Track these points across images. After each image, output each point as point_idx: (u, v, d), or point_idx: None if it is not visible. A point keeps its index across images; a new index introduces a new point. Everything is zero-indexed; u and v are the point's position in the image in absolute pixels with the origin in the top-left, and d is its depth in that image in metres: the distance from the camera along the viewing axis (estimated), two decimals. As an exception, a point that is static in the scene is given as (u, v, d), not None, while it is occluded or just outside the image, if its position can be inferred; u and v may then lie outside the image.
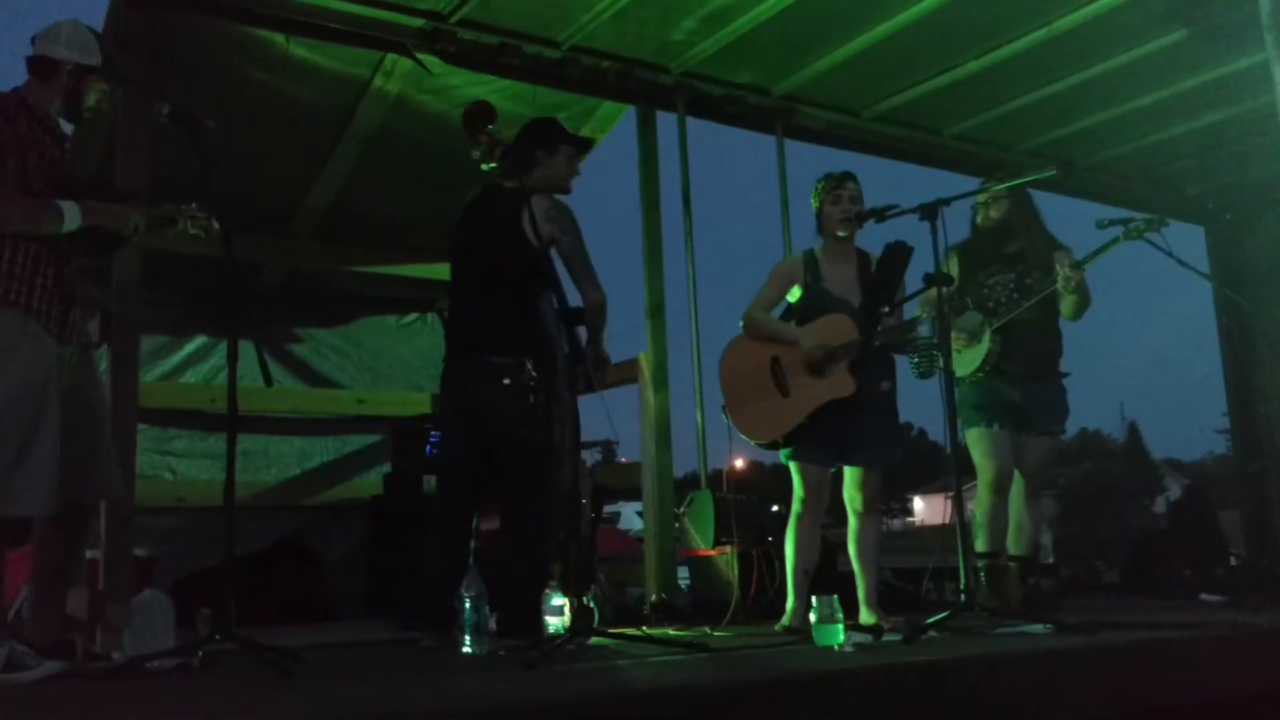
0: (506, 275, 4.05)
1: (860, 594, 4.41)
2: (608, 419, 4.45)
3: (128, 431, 4.28)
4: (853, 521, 4.48)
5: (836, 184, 4.57)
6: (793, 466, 4.48)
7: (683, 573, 5.92)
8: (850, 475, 4.47)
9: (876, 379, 4.42)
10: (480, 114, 4.09)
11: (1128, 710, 3.13)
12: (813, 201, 4.64)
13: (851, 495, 4.47)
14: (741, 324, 4.61)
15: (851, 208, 4.52)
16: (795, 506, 4.50)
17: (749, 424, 4.47)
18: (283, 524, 6.73)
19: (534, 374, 3.91)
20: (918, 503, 54.93)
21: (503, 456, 4.03)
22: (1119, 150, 7.36)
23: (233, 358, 3.48)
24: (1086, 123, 6.88)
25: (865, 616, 4.32)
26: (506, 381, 3.93)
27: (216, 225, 3.55)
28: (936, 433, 4.20)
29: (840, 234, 4.54)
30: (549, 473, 4.01)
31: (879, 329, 4.28)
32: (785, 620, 4.45)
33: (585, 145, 4.38)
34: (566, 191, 4.25)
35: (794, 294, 4.61)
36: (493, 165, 4.09)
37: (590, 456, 5.30)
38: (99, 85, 3.52)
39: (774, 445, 4.49)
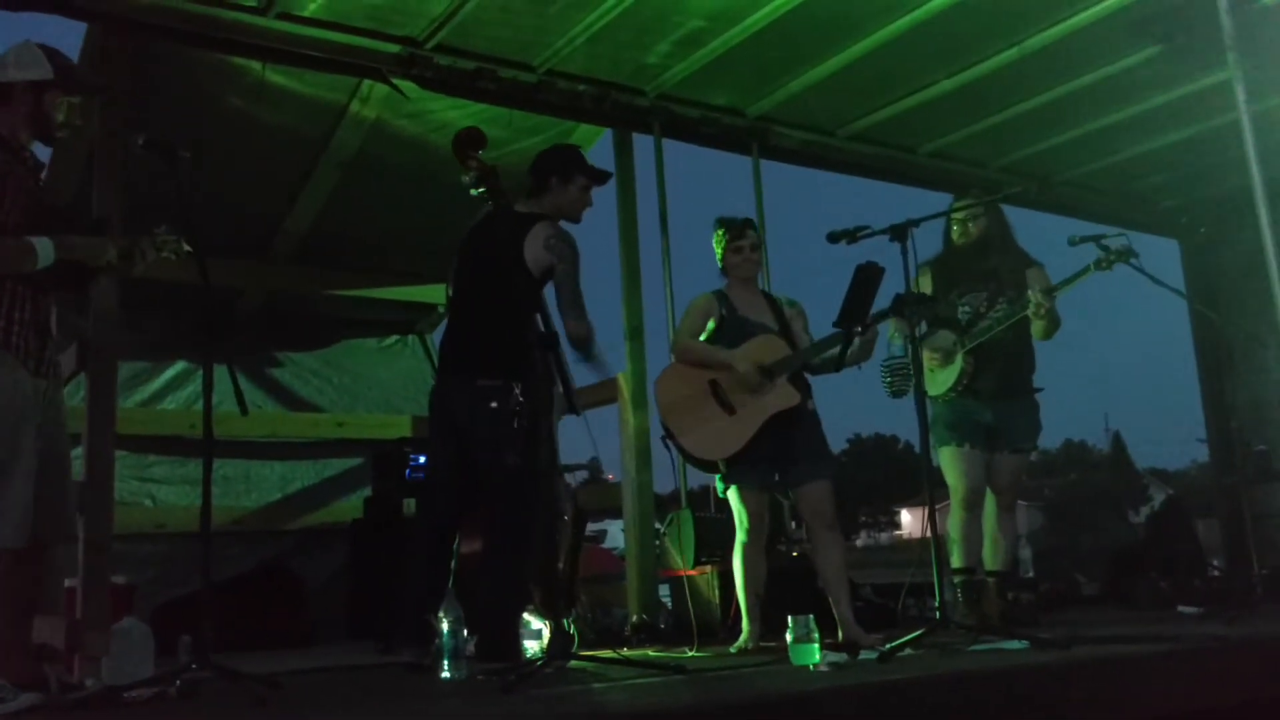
0: (502, 299, 4.08)
1: (837, 613, 4.42)
2: (590, 439, 4.48)
3: (106, 459, 4.29)
4: (820, 540, 4.52)
5: (737, 234, 4.70)
6: (732, 494, 4.55)
7: (665, 592, 5.93)
8: (803, 495, 4.52)
9: (803, 396, 4.51)
10: (470, 140, 4.14)
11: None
12: (715, 246, 4.76)
13: (808, 516, 4.54)
14: (672, 354, 4.70)
15: (752, 256, 4.70)
16: (740, 535, 4.56)
17: (699, 444, 4.52)
18: (264, 549, 6.70)
19: (520, 399, 3.94)
20: (905, 516, 55.03)
21: (485, 479, 4.04)
22: (1093, 166, 7.43)
23: (208, 384, 3.49)
24: (1060, 139, 6.95)
25: (845, 635, 4.33)
26: (494, 405, 3.96)
27: (187, 248, 3.54)
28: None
29: (743, 278, 4.71)
30: (530, 497, 4.00)
31: (851, 349, 4.32)
32: (742, 642, 4.49)
33: (603, 178, 4.40)
34: (575, 220, 4.29)
35: (710, 328, 4.69)
36: (482, 190, 4.13)
37: (575, 478, 5.30)
38: (64, 100, 3.47)
39: (714, 468, 4.54)
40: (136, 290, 4.97)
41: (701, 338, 4.68)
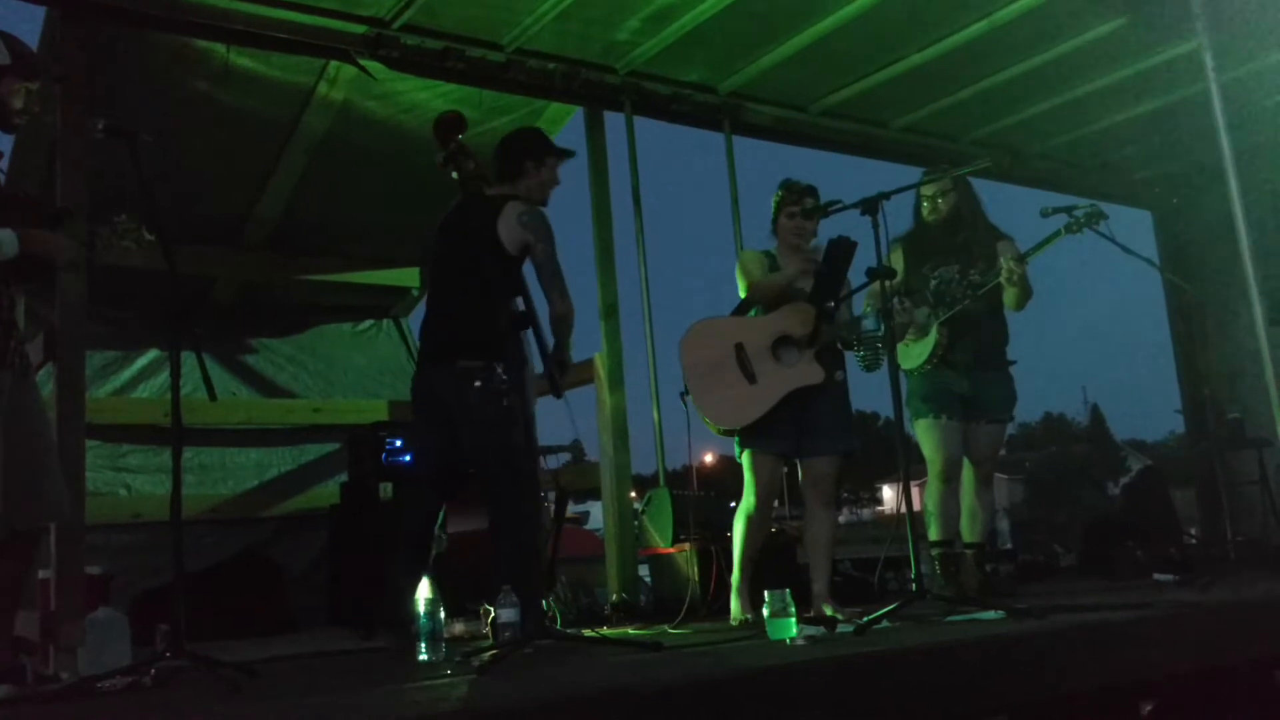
0: (479, 281, 4.09)
1: (816, 586, 4.43)
2: (570, 421, 4.48)
3: (76, 449, 4.25)
4: (813, 513, 4.50)
5: (795, 199, 4.61)
6: (747, 458, 4.50)
7: (645, 571, 5.94)
8: (809, 466, 4.48)
9: (832, 368, 4.47)
10: (452, 124, 4.13)
11: (1076, 691, 3.18)
12: (773, 204, 4.69)
13: (808, 488, 4.50)
14: (751, 294, 4.58)
15: (806, 224, 4.60)
16: (747, 499, 4.51)
17: (715, 410, 4.47)
18: (242, 537, 6.66)
19: (504, 377, 3.93)
20: (886, 491, 55.31)
21: (481, 461, 4.05)
22: (1065, 138, 7.46)
23: (175, 370, 3.46)
24: (1032, 112, 6.97)
25: (822, 609, 4.34)
26: (478, 384, 3.95)
27: (148, 235, 3.50)
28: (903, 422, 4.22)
29: (791, 245, 4.63)
30: (527, 471, 4.05)
31: (838, 324, 4.32)
32: (737, 615, 4.49)
33: (569, 155, 4.40)
34: (543, 202, 4.28)
35: (745, 288, 4.62)
36: (460, 174, 4.11)
37: (556, 460, 5.30)
38: (21, 86, 3.42)
39: (732, 433, 4.51)
40: (108, 279, 4.93)
41: (743, 294, 4.61)
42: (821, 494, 4.48)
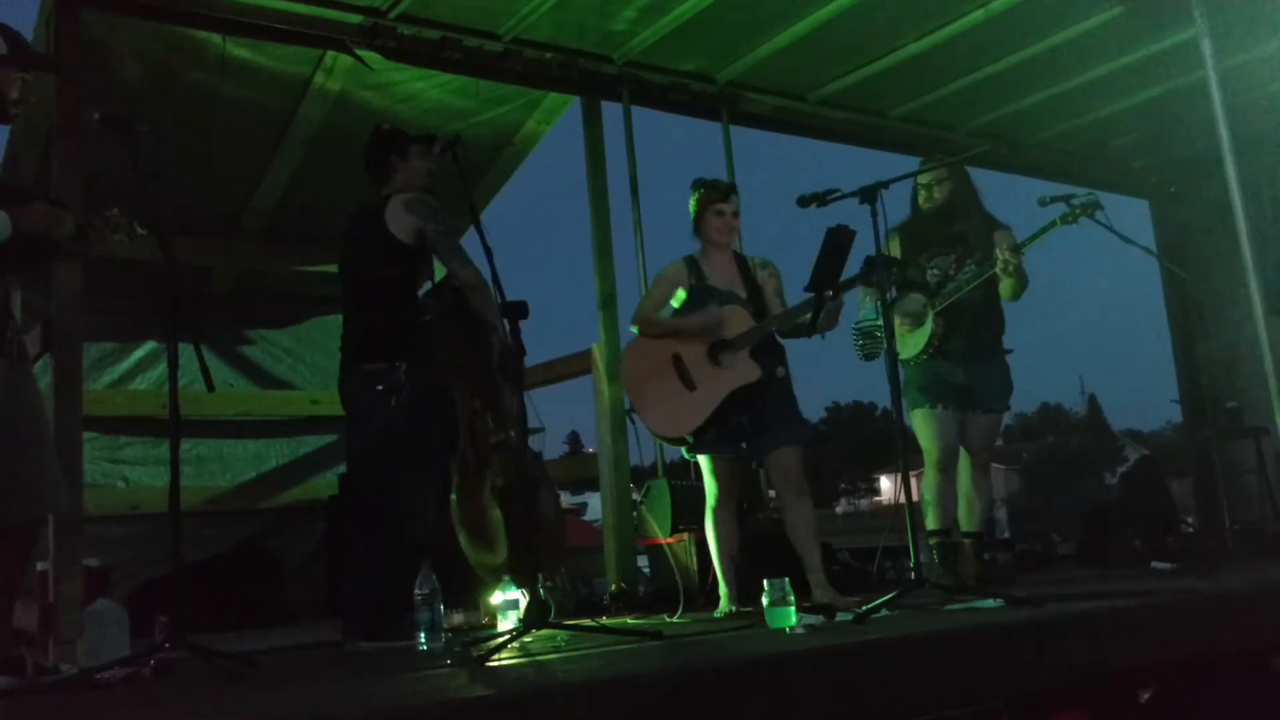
0: (375, 281, 4.19)
1: (810, 577, 4.43)
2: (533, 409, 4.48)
3: (73, 441, 4.25)
4: (789, 505, 4.50)
5: (721, 196, 4.63)
6: (702, 461, 4.55)
7: (644, 562, 5.94)
8: (772, 462, 4.48)
9: (772, 365, 4.46)
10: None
11: (1074, 679, 3.19)
12: (691, 205, 4.69)
13: (777, 482, 4.50)
14: (634, 326, 4.66)
15: (734, 222, 4.64)
16: (709, 500, 4.56)
17: (659, 421, 4.52)
18: (240, 528, 6.67)
19: (404, 378, 3.97)
20: (884, 482, 55.40)
21: (370, 456, 4.12)
22: (1063, 127, 7.45)
23: (173, 362, 3.45)
24: (1029, 101, 6.96)
25: (818, 595, 4.33)
26: (380, 387, 4.01)
27: (141, 230, 3.50)
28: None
29: (719, 244, 4.64)
30: (407, 480, 4.04)
31: (821, 315, 4.29)
32: (723, 607, 4.50)
33: (429, 139, 4.38)
34: (430, 187, 4.31)
35: (679, 298, 4.62)
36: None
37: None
38: (18, 76, 3.40)
39: (681, 441, 4.54)
40: (105, 271, 4.93)
41: (673, 304, 4.64)
42: (791, 485, 4.45)
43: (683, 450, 4.63)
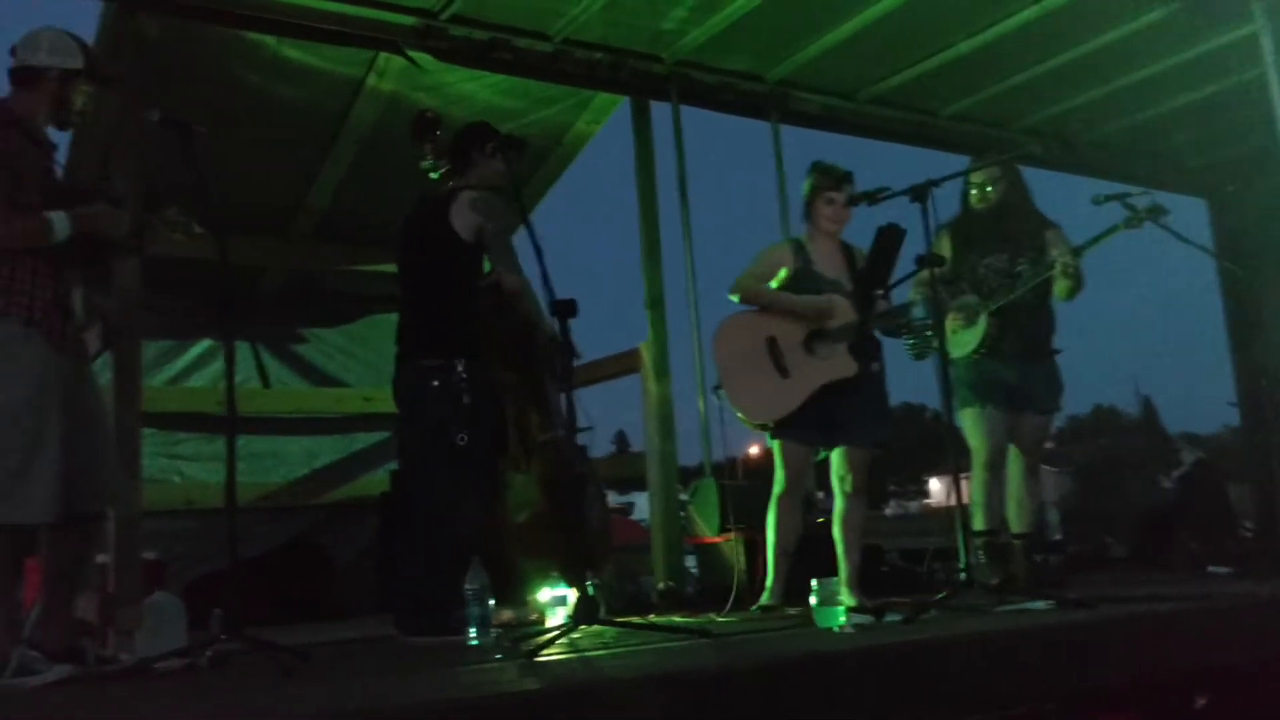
0: (436, 277, 4.15)
1: (842, 575, 4.40)
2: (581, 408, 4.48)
3: (131, 436, 4.33)
4: (839, 503, 4.48)
5: (834, 184, 4.56)
6: (776, 447, 4.50)
7: (692, 561, 5.95)
8: (839, 456, 4.46)
9: (869, 359, 4.43)
10: (429, 123, 4.25)
11: (1126, 683, 3.15)
12: (804, 189, 4.64)
13: (840, 476, 4.48)
14: (733, 295, 4.58)
15: (844, 213, 4.55)
16: (777, 487, 4.51)
17: (747, 405, 4.47)
18: (293, 524, 6.75)
19: (464, 375, 3.96)
20: (933, 484, 54.88)
21: (422, 452, 4.11)
22: (1116, 125, 7.35)
23: (230, 360, 3.51)
24: (1082, 99, 6.88)
25: (845, 598, 4.30)
26: (436, 384, 3.99)
27: (198, 229, 3.56)
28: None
29: (828, 232, 4.58)
30: (467, 478, 4.01)
31: (874, 313, 4.28)
32: (764, 599, 4.48)
33: (518, 145, 4.36)
34: (500, 190, 4.29)
35: (779, 278, 4.58)
36: (439, 173, 4.24)
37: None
38: (84, 88, 3.51)
39: (766, 427, 4.50)
40: (162, 269, 5.01)
41: (772, 284, 4.56)
42: (853, 482, 4.44)
43: (766, 437, 4.57)
